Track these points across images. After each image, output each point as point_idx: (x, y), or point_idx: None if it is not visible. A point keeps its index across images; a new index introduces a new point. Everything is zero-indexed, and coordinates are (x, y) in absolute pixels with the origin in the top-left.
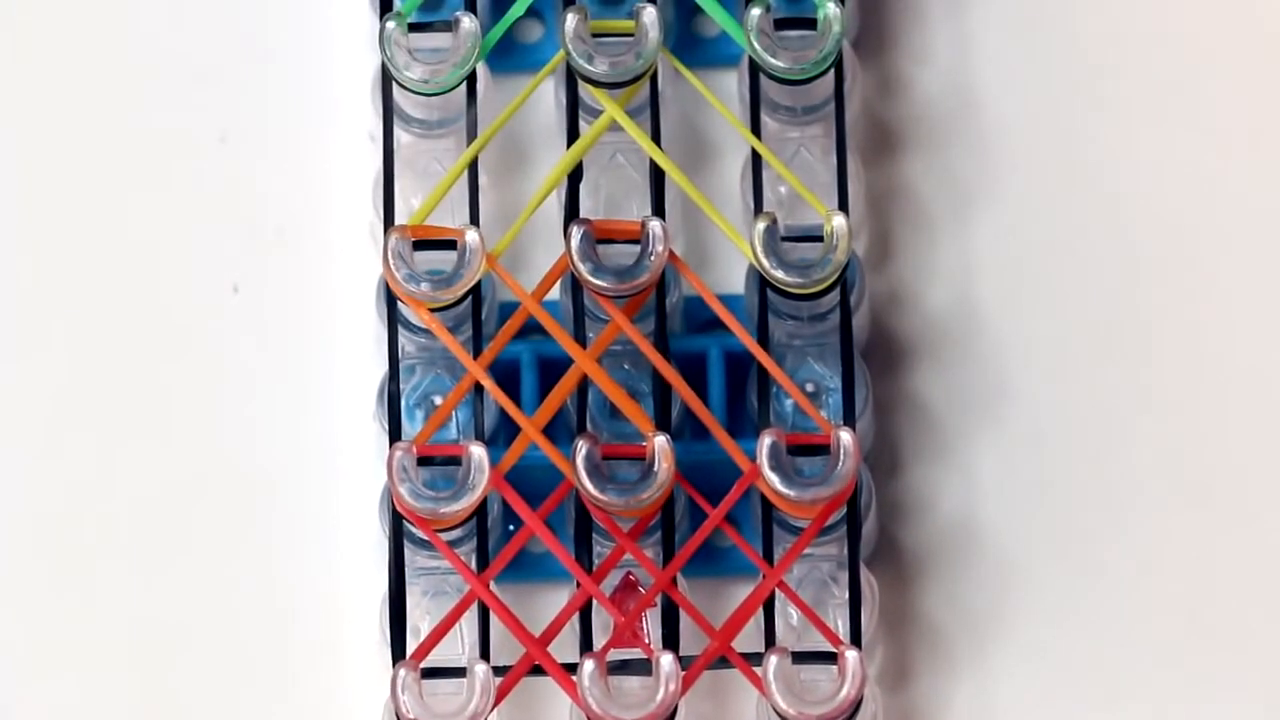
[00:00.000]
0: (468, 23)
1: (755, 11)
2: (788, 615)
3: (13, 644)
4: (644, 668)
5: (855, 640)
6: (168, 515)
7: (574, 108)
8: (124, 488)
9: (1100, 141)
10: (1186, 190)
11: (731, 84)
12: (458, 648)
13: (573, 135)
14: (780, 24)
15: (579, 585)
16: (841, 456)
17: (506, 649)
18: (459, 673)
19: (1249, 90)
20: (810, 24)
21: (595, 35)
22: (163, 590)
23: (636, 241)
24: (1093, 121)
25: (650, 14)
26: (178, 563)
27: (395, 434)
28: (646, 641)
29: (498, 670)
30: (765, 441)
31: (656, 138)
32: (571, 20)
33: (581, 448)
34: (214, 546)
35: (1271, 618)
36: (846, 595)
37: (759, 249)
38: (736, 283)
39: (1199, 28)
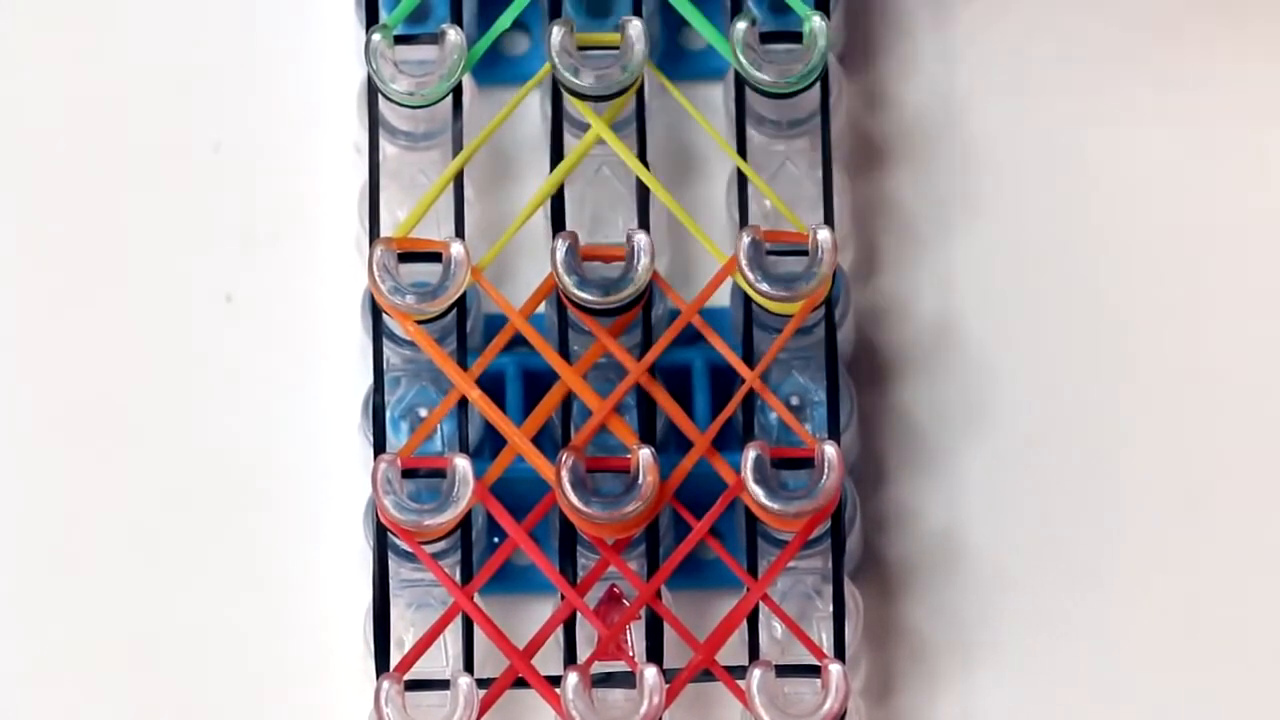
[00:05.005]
0: (454, 35)
1: (741, 25)
2: (771, 628)
3: None
4: (628, 680)
5: (839, 653)
6: (151, 524)
7: (559, 121)
8: (109, 495)
9: (1084, 155)
10: (1170, 201)
11: (717, 97)
12: (442, 660)
13: (558, 148)
14: (765, 38)
15: (563, 598)
16: (826, 470)
17: (490, 661)
18: (443, 685)
19: (1236, 98)
20: (796, 38)
21: (581, 48)
22: (145, 601)
23: (623, 258)
24: (1076, 135)
25: (636, 27)
26: (160, 573)
27: (380, 446)
28: (630, 654)
29: (481, 683)
30: (750, 455)
31: (642, 151)
32: (557, 33)
33: (566, 461)
34: (197, 557)
35: (1260, 630)
36: (831, 608)
37: (744, 263)
38: (722, 296)
39: (1186, 41)
